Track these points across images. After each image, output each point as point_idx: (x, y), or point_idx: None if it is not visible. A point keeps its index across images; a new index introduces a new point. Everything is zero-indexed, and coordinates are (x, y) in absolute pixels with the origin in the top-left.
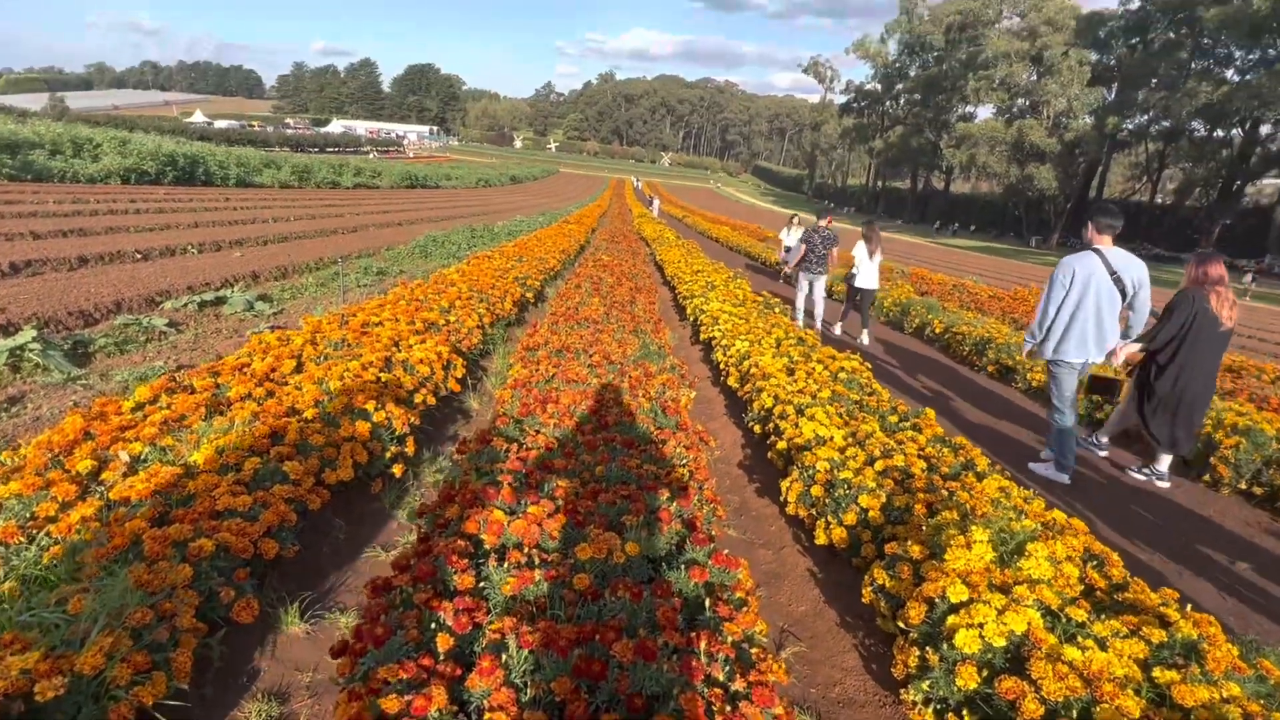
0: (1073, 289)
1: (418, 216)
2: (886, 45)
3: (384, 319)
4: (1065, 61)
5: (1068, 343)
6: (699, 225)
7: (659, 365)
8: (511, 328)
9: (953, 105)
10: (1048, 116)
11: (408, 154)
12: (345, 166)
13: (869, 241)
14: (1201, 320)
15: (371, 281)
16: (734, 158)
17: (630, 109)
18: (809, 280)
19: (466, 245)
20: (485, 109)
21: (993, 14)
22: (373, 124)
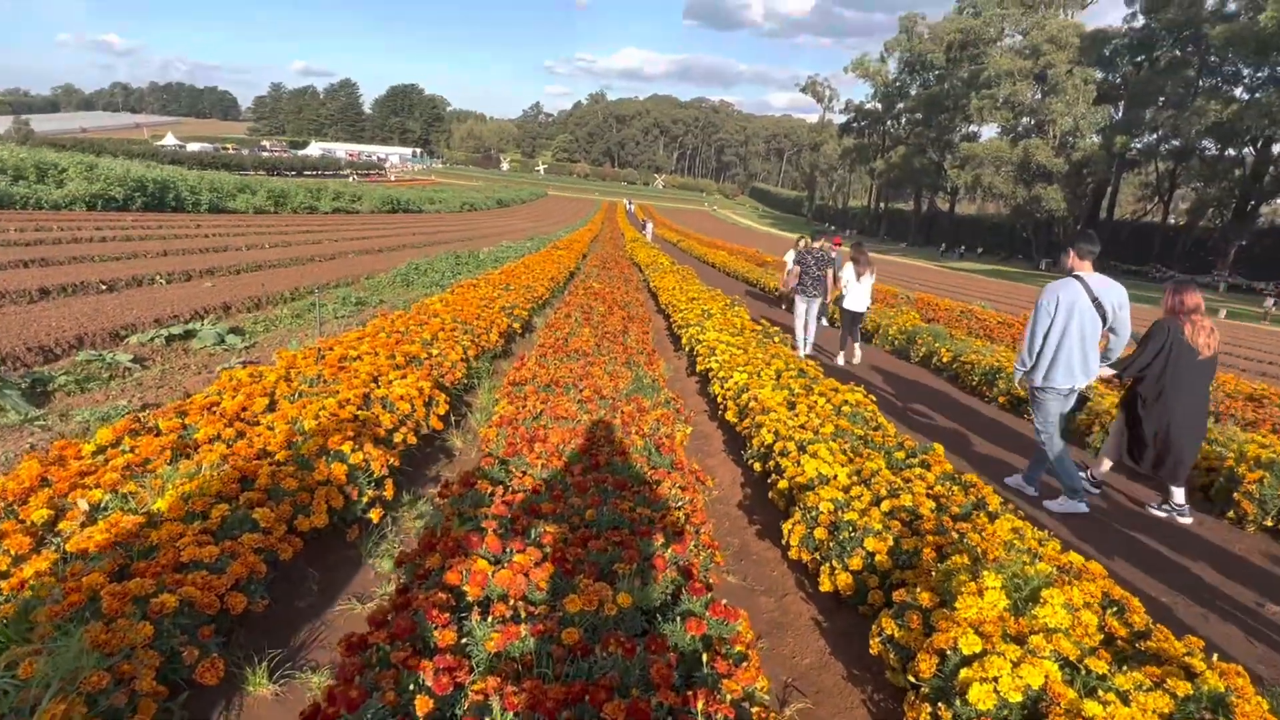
0: (1058, 315)
1: (399, 243)
2: (886, 64)
3: (363, 353)
4: (1070, 80)
5: (1056, 369)
6: (694, 250)
7: (653, 399)
8: (498, 360)
9: (956, 124)
10: (1054, 136)
11: (389, 177)
12: (324, 190)
13: (857, 263)
14: (1178, 350)
15: (350, 312)
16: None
17: (622, 129)
18: (805, 304)
19: (450, 273)
20: (471, 130)
21: (994, 32)
22: (353, 146)
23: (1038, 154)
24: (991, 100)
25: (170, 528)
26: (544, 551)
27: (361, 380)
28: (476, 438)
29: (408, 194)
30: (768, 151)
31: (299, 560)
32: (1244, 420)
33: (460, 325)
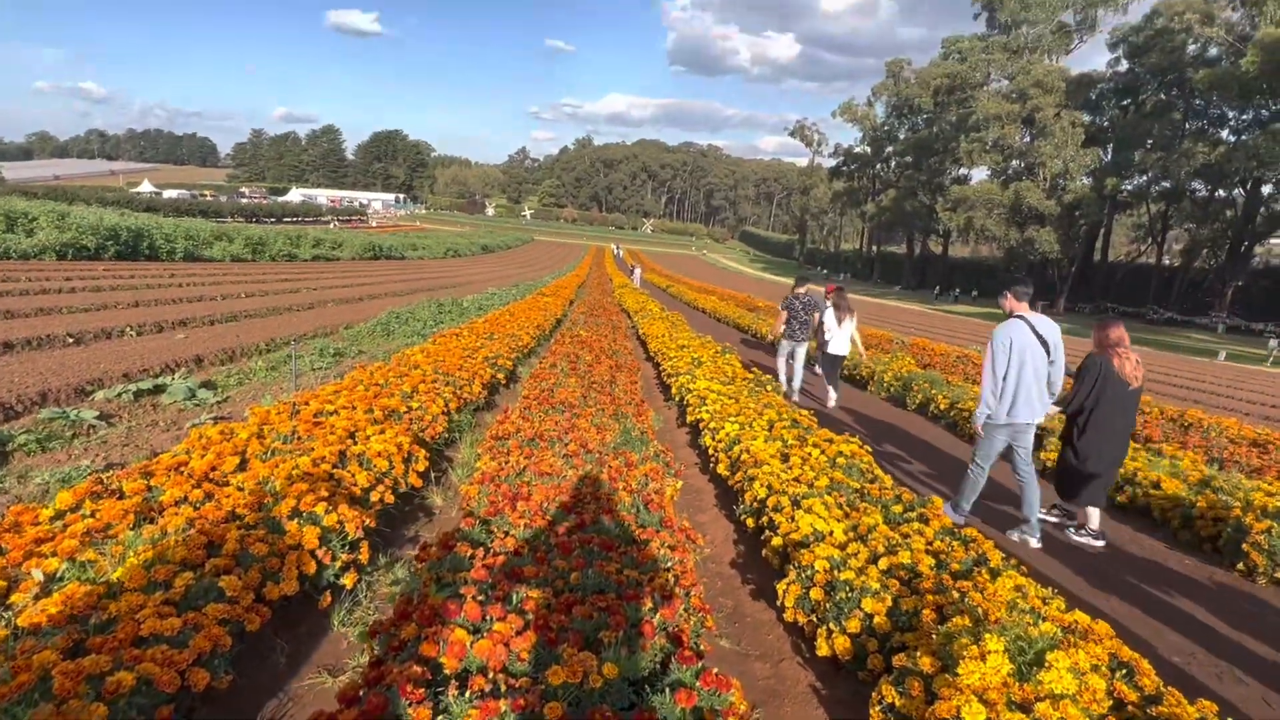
0: (1013, 355)
1: (380, 290)
2: (874, 108)
3: (339, 407)
4: (1058, 123)
5: (1018, 406)
6: (684, 295)
7: (641, 453)
8: (480, 412)
9: (946, 167)
10: (1044, 178)
11: (371, 223)
12: (303, 237)
13: (838, 309)
14: (1109, 382)
15: (328, 364)
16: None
17: (609, 174)
18: (791, 347)
19: (433, 322)
20: (455, 175)
21: (980, 77)
22: (335, 192)
23: (1029, 196)
24: (981, 143)
25: (130, 599)
26: (526, 619)
27: (337, 436)
28: (457, 495)
29: (390, 240)
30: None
31: (267, 630)
32: (1249, 467)
33: (442, 377)
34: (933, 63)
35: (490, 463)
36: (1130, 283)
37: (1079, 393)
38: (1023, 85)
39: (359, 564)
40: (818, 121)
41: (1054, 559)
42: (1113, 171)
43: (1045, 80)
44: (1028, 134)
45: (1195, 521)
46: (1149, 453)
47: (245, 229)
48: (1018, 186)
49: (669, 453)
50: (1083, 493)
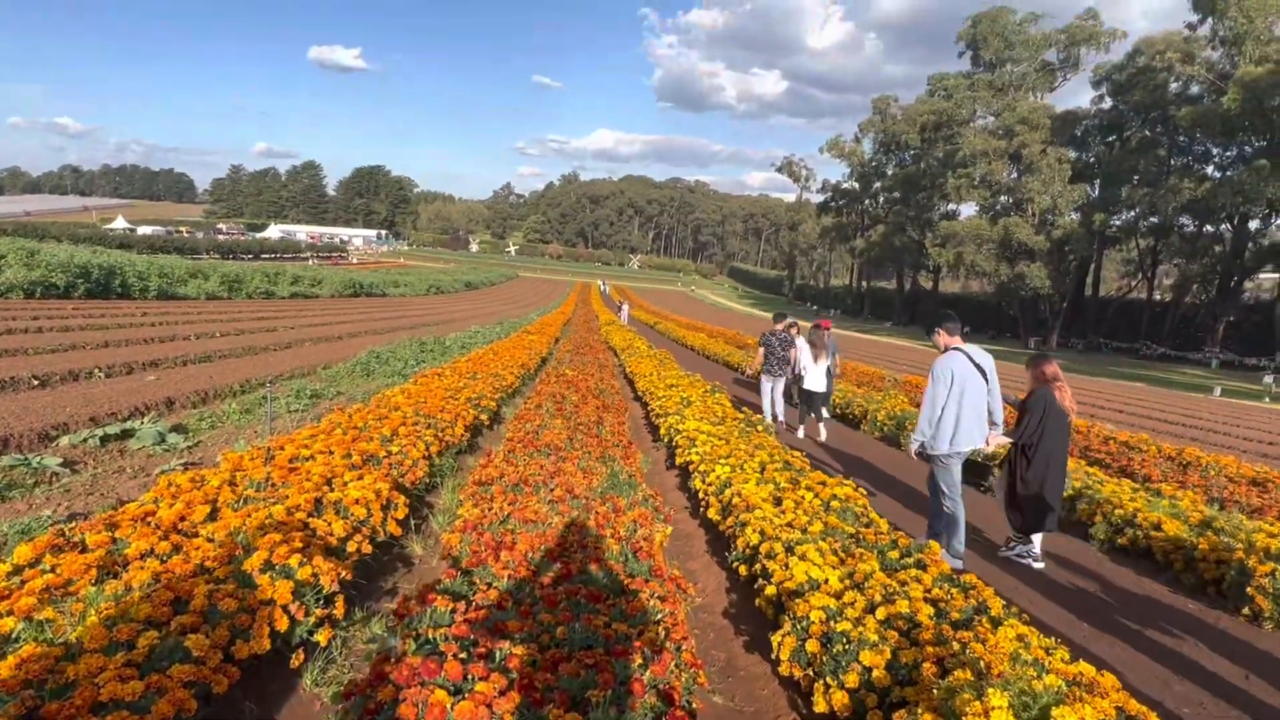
0: (954, 386)
1: (360, 329)
2: (861, 144)
3: (316, 452)
4: (1044, 159)
5: (959, 434)
6: (672, 332)
7: (629, 497)
8: (463, 456)
9: (934, 203)
10: (1033, 214)
11: (352, 260)
12: (281, 274)
13: (814, 346)
14: (1052, 414)
15: (304, 406)
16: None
17: (596, 210)
18: (770, 383)
19: (414, 361)
20: (439, 211)
21: (966, 114)
22: (315, 228)
23: (1018, 232)
24: (969, 179)
25: (90, 660)
26: (510, 678)
27: (313, 483)
28: (438, 543)
29: (371, 277)
30: (745, 231)
31: (235, 692)
32: (1249, 507)
33: (423, 419)
34: (919, 100)
35: (473, 509)
36: (1122, 318)
37: (1028, 425)
38: (1009, 122)
39: (334, 619)
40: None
41: (1052, 602)
42: (1101, 207)
43: (1031, 117)
44: (1015, 170)
45: (1198, 564)
46: (1148, 493)
47: (221, 266)
48: (1006, 222)
49: (658, 497)
50: (1038, 522)
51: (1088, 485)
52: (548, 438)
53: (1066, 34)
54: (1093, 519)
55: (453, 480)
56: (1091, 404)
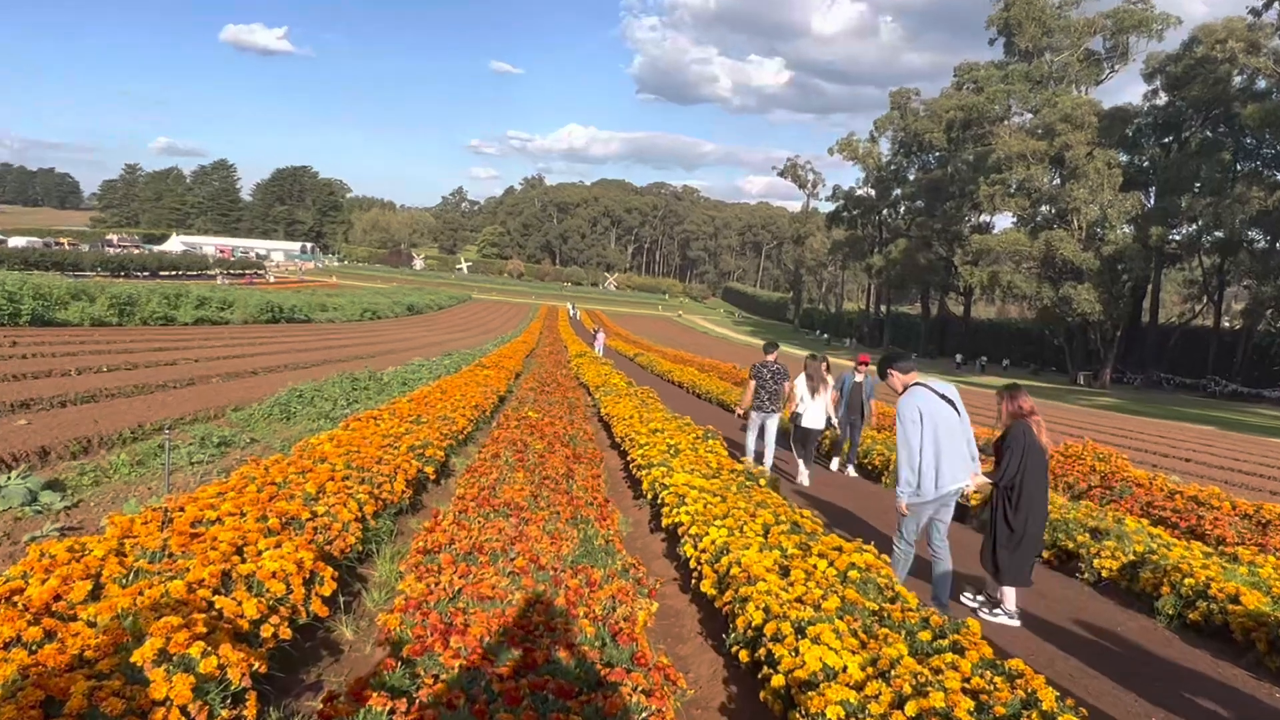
0: (925, 424)
1: (280, 362)
2: (878, 145)
3: (224, 514)
4: (1091, 163)
5: (942, 474)
6: (656, 365)
7: (606, 568)
8: (404, 517)
9: (964, 213)
10: (1079, 226)
11: (268, 278)
12: (184, 296)
13: (811, 378)
14: (1033, 451)
15: (211, 457)
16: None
17: (565, 220)
18: (761, 420)
19: (345, 401)
20: (376, 221)
21: (999, 110)
22: (226, 240)
23: (1062, 247)
24: (1003, 186)
25: None
26: None
27: (220, 553)
28: (373, 625)
29: (293, 299)
30: (742, 245)
31: None
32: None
33: (356, 472)
34: (944, 93)
35: (416, 584)
36: (1185, 349)
37: (1010, 465)
38: (1049, 120)
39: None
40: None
41: (1114, 688)
42: (1157, 219)
43: (1074, 114)
44: (1057, 175)
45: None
46: (1223, 558)
47: (111, 285)
48: (1049, 236)
49: (640, 566)
50: (1020, 572)
51: (1151, 549)
52: (507, 495)
53: (1113, 19)
54: (1159, 590)
55: (391, 547)
56: (1152, 451)
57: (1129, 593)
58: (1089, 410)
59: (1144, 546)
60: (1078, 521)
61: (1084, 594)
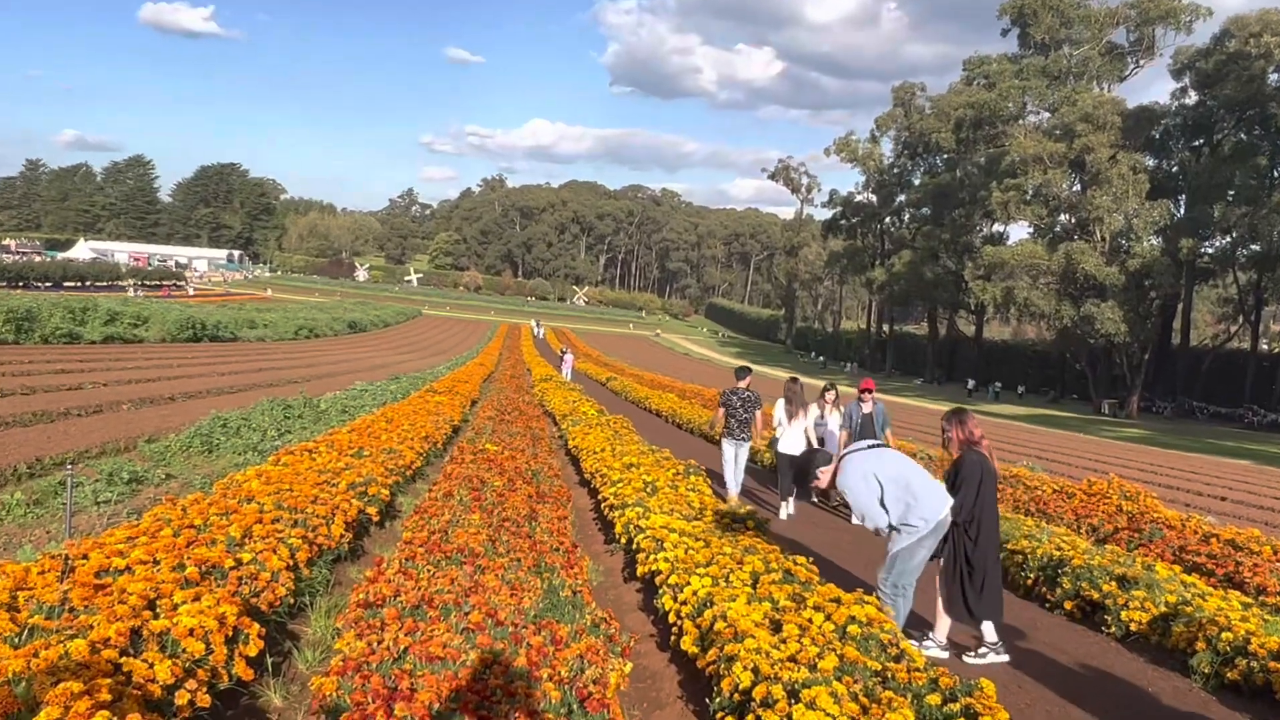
0: (872, 480)
1: (202, 386)
2: (879, 145)
3: (134, 562)
4: (1115, 168)
5: (923, 506)
6: (631, 391)
7: (574, 623)
8: (342, 564)
9: (975, 222)
10: (1102, 238)
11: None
12: (92, 311)
13: (789, 402)
14: (989, 480)
15: (120, 496)
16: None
17: (529, 226)
18: (733, 448)
19: (276, 432)
20: (314, 226)
21: (1013, 108)
22: (142, 247)
23: (1084, 261)
24: (1018, 192)
25: None
26: None
27: (130, 607)
28: (305, 690)
29: (218, 315)
30: (728, 256)
31: None
32: None
33: (287, 514)
34: (953, 89)
35: (356, 642)
36: (1220, 375)
37: (968, 499)
38: (1068, 119)
39: None
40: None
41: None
42: (1188, 230)
43: (1095, 114)
44: (1077, 181)
45: None
46: (1264, 609)
47: (8, 298)
48: (1068, 248)
49: (613, 621)
50: (994, 606)
51: (1185, 600)
52: (461, 539)
53: (1137, 9)
54: (1193, 645)
55: (328, 600)
56: (1185, 489)
57: (1160, 648)
58: (1114, 443)
59: (1176, 597)
60: (1103, 568)
61: (1110, 650)
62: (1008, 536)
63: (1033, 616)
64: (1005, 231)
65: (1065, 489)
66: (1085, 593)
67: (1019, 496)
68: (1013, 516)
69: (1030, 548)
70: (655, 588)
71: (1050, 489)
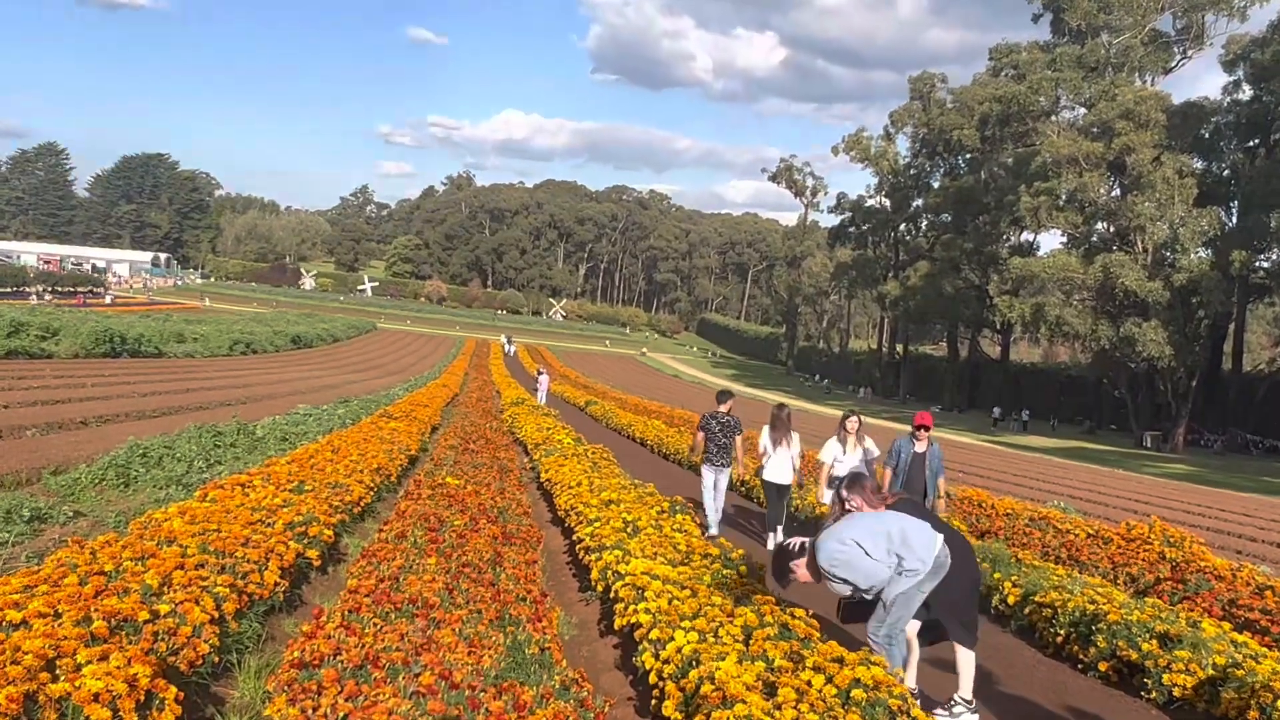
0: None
1: (120, 409)
2: (893, 143)
3: (32, 615)
4: (1159, 171)
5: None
6: (613, 417)
7: (541, 685)
8: (277, 616)
9: (1001, 230)
10: (1143, 249)
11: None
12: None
13: (774, 428)
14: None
15: (20, 537)
16: (667, 307)
17: (500, 230)
18: (713, 474)
19: (204, 462)
20: (254, 227)
21: (1045, 102)
22: (53, 248)
23: (1123, 275)
24: (1050, 197)
25: None
26: None
27: (25, 668)
28: None
29: (140, 326)
30: (723, 267)
31: None
32: None
33: (214, 558)
34: (977, 80)
35: (288, 708)
36: (1276, 403)
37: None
38: (1106, 116)
39: None
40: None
41: None
42: (1240, 241)
43: (1137, 110)
44: (1116, 185)
45: None
46: None
47: None
48: (1106, 260)
49: (586, 683)
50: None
51: (1236, 662)
52: (414, 587)
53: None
54: (1245, 714)
55: (258, 658)
56: (1236, 534)
57: (1207, 716)
58: (1156, 480)
59: (1226, 658)
60: (1142, 625)
61: (1149, 718)
62: (1035, 587)
63: (1063, 679)
64: (1035, 241)
65: (1101, 533)
66: (1122, 652)
67: (1048, 541)
68: (1041, 564)
69: (1060, 600)
70: (635, 643)
71: (1084, 533)
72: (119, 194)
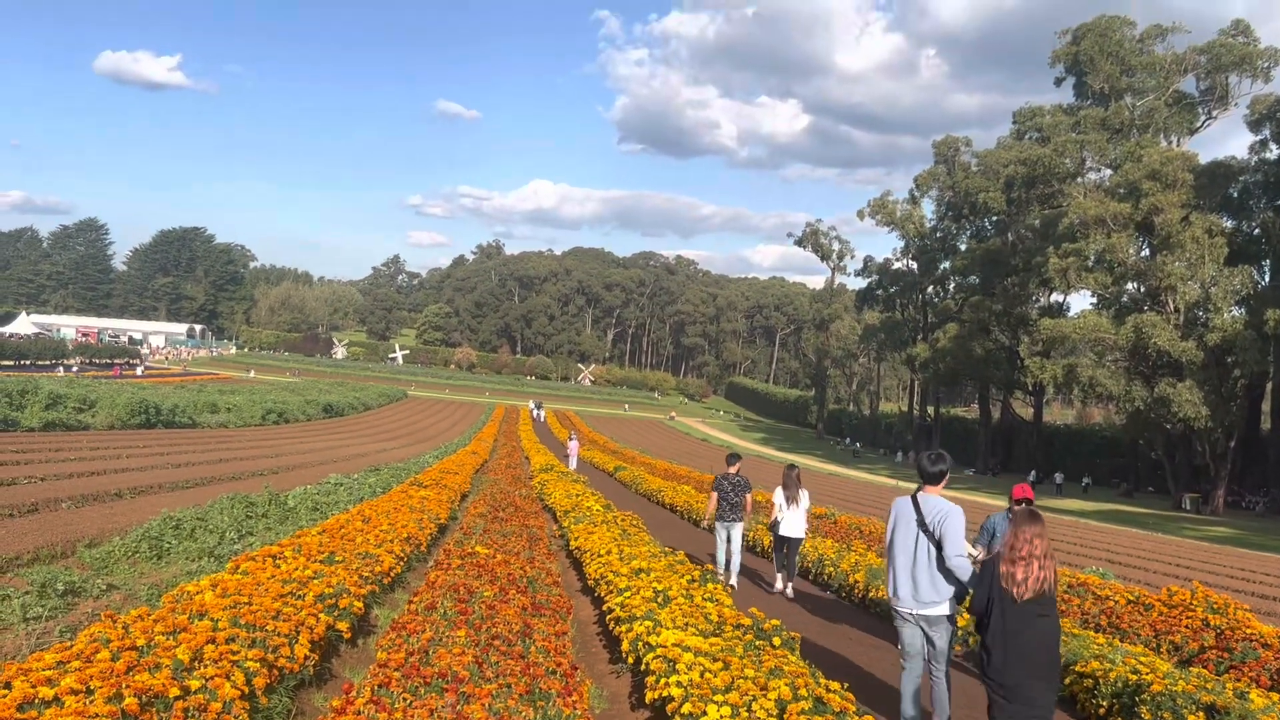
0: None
1: (153, 480)
2: (919, 206)
3: (64, 691)
4: (1188, 230)
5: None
6: (643, 483)
7: None
8: (306, 690)
9: (1030, 291)
10: (1175, 309)
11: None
12: (32, 393)
13: (787, 488)
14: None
15: (53, 611)
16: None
17: (529, 298)
18: (726, 531)
19: (236, 533)
20: (287, 298)
21: (1070, 164)
22: (92, 320)
23: (1156, 335)
24: (1078, 258)
25: None
26: None
27: None
28: None
29: (175, 397)
30: (751, 331)
31: None
32: None
33: (245, 632)
34: (1001, 144)
35: None
36: None
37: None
38: (1132, 176)
39: None
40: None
41: None
42: (1275, 300)
43: (1164, 170)
44: (1145, 245)
45: None
46: None
47: None
48: (1138, 321)
49: None
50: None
51: None
52: (444, 661)
53: (1208, 55)
54: None
55: None
56: None
57: None
58: (1197, 544)
59: None
60: (1187, 695)
61: None
62: (1075, 656)
63: None
64: (1065, 302)
65: (1141, 599)
66: None
67: (1087, 608)
68: (1080, 632)
69: (1102, 670)
70: (668, 717)
71: (1124, 599)
72: (156, 267)
